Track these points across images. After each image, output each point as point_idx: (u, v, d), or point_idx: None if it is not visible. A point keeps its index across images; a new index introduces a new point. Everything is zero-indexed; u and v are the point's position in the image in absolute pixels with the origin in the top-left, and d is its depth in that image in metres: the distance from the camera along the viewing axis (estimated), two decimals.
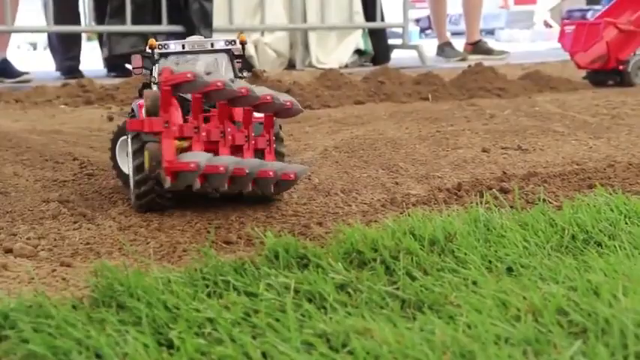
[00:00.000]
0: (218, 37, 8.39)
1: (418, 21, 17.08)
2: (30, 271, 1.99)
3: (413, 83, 6.04)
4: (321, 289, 1.66)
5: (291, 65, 7.78)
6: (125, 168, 2.67)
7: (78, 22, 7.35)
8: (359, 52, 8.28)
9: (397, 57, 8.57)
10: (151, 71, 2.56)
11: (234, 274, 1.77)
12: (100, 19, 7.19)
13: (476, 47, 8.81)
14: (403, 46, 8.64)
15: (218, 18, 7.29)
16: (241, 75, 2.59)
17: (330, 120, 4.73)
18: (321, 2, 7.86)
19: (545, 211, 2.20)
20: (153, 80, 2.53)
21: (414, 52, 8.41)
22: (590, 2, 16.25)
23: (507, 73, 6.37)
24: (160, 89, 2.14)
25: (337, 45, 8.10)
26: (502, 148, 3.71)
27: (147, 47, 2.54)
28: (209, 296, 1.68)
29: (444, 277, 1.76)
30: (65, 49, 7.19)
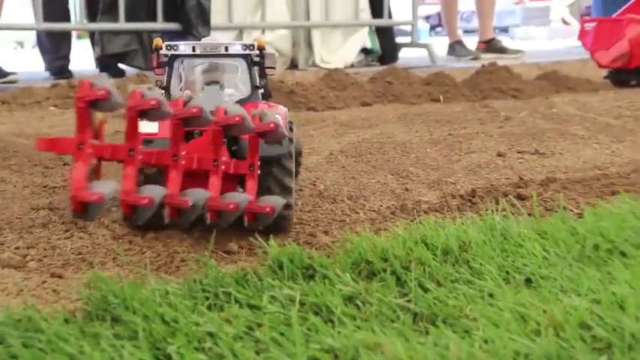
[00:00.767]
0: (221, 36, 8.31)
1: (428, 18, 17.13)
2: (19, 283, 1.99)
3: (423, 84, 6.04)
4: (328, 302, 1.66)
5: (293, 65, 7.80)
6: None
7: (68, 20, 7.37)
8: (365, 51, 8.28)
9: (406, 56, 8.58)
10: (169, 75, 2.41)
11: (235, 286, 1.77)
12: (92, 17, 7.21)
13: (489, 46, 8.82)
14: (412, 45, 8.65)
15: (216, 15, 7.31)
16: (259, 85, 2.46)
17: (336, 122, 4.73)
18: None
19: (565, 219, 2.20)
20: (159, 85, 2.42)
21: (424, 51, 8.42)
22: None
23: (523, 73, 6.37)
24: (76, 107, 1.86)
25: (342, 44, 8.11)
26: (518, 153, 3.71)
27: (152, 46, 2.44)
28: (209, 309, 1.68)
29: (459, 289, 1.75)
30: (55, 48, 7.21)
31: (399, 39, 8.90)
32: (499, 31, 13.04)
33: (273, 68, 2.57)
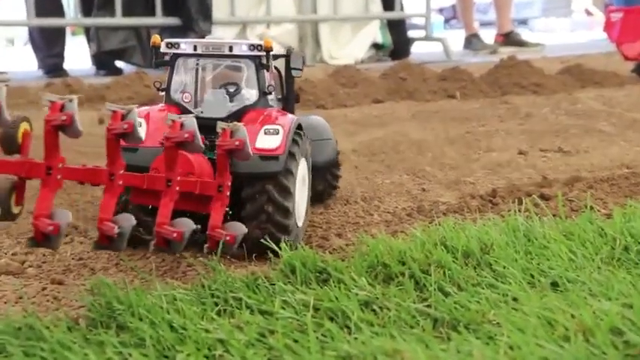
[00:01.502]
0: (223, 32, 8.22)
1: (442, 10, 17.12)
2: (18, 290, 2.01)
3: (438, 80, 6.05)
4: (344, 307, 1.67)
5: None
6: None
7: (62, 15, 7.41)
8: (376, 46, 8.30)
9: (419, 51, 8.58)
10: (171, 76, 2.32)
11: (246, 291, 1.79)
12: (87, 11, 7.25)
13: (508, 39, 8.82)
14: (426, 39, 8.66)
15: (218, 9, 7.34)
16: (267, 91, 2.35)
17: (347, 121, 4.75)
18: None
19: (592, 220, 2.21)
20: (158, 86, 2.38)
21: (438, 46, 8.43)
22: None
23: (544, 67, 6.37)
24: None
25: (352, 38, 8.13)
26: (541, 151, 3.72)
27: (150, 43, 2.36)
28: (219, 315, 1.70)
29: (481, 293, 1.76)
30: (48, 45, 7.24)
31: (412, 33, 8.91)
32: (518, 24, 13.03)
33: (300, 70, 2.53)
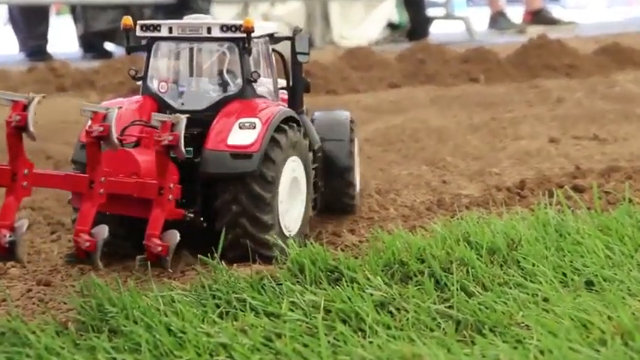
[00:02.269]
0: (220, 14, 8.19)
1: None
2: (1, 292, 2.02)
3: (460, 62, 6.05)
4: (358, 308, 1.68)
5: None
6: None
7: None
8: (392, 26, 8.30)
9: (439, 31, 8.57)
10: (148, 62, 2.29)
11: (250, 291, 1.80)
12: None
13: (537, 16, 8.80)
14: (446, 18, 8.64)
15: None
16: (252, 78, 2.29)
17: (360, 107, 4.75)
18: None
19: (631, 213, 2.21)
20: (133, 74, 2.33)
21: (460, 25, 8.41)
22: None
23: (578, 48, 6.36)
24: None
25: (364, 17, 8.13)
26: (574, 138, 3.72)
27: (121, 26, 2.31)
28: (221, 317, 1.71)
29: (508, 293, 1.77)
30: (30, 26, 7.25)
31: (431, 11, 8.89)
32: (548, 0, 12.99)
33: (306, 54, 2.46)
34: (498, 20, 8.85)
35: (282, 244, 2.14)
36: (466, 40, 7.83)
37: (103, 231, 1.86)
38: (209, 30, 2.30)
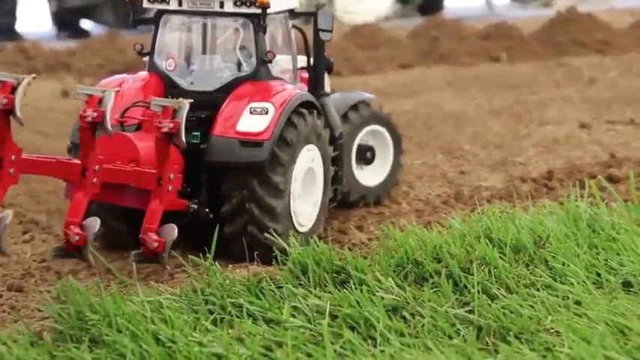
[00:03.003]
0: None
1: None
2: None
3: (479, 38, 6.05)
4: (367, 313, 1.68)
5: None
6: None
7: None
8: (402, 0, 8.28)
9: (455, 4, 8.56)
10: (155, 37, 2.37)
11: (247, 296, 1.80)
12: None
13: None
14: None
15: None
16: (266, 58, 2.37)
17: (366, 90, 4.72)
18: None
19: None
20: (139, 49, 2.40)
21: None
22: None
23: (611, 22, 6.36)
24: None
25: None
26: (608, 123, 3.71)
27: None
28: (215, 325, 1.71)
29: (536, 296, 1.77)
30: None
31: None
32: None
33: (329, 32, 2.49)
34: None
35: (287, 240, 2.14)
36: (485, 15, 7.84)
37: (95, 223, 1.87)
38: (222, 4, 2.32)
